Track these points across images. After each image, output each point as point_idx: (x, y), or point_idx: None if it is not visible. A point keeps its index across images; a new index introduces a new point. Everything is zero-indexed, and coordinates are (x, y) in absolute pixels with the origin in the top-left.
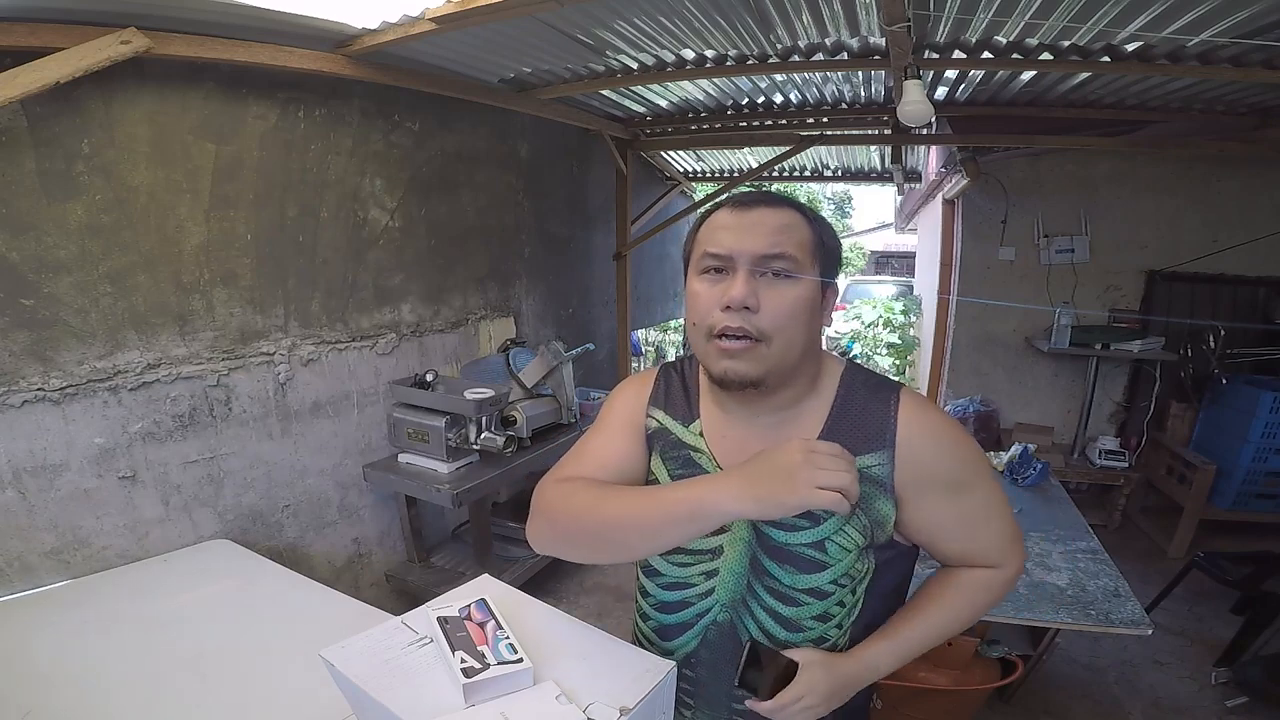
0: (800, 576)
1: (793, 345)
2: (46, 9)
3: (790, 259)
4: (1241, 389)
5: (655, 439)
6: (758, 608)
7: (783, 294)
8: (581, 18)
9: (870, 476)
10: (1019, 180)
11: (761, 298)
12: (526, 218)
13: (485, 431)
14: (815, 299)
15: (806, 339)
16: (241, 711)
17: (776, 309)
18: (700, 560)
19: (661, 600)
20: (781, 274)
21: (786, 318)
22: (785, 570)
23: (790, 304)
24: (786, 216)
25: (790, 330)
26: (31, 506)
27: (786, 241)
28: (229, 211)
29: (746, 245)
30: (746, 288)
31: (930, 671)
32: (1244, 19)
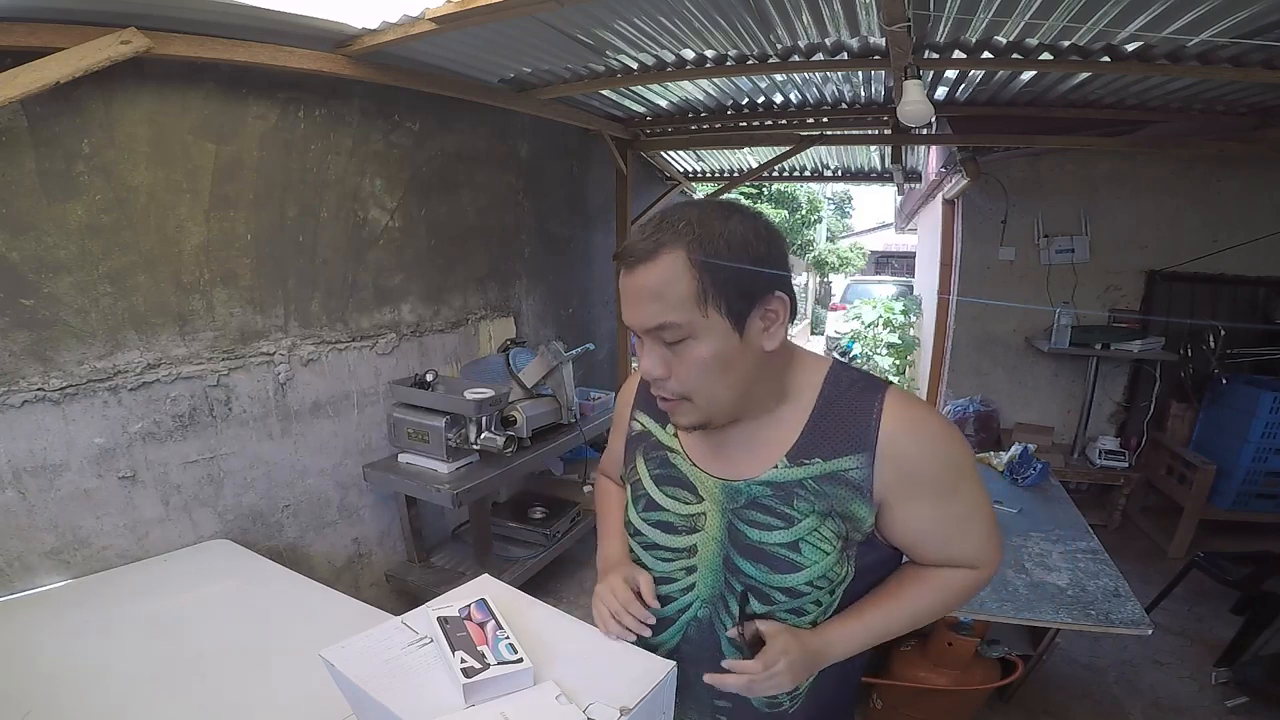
0: (774, 575)
1: (717, 395)
2: (46, 9)
3: (673, 326)
4: (1241, 389)
5: (639, 440)
6: (734, 603)
7: (685, 359)
8: (581, 18)
9: (848, 480)
10: (1019, 180)
11: (670, 363)
12: (526, 218)
13: (485, 431)
14: (726, 347)
15: (731, 384)
16: (241, 711)
17: (684, 375)
18: (679, 557)
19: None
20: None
21: (696, 379)
22: (759, 569)
23: (694, 367)
24: (661, 271)
25: (706, 386)
26: (31, 506)
27: (666, 309)
28: (229, 211)
29: (634, 318)
30: (650, 360)
31: (930, 671)
32: (1244, 19)
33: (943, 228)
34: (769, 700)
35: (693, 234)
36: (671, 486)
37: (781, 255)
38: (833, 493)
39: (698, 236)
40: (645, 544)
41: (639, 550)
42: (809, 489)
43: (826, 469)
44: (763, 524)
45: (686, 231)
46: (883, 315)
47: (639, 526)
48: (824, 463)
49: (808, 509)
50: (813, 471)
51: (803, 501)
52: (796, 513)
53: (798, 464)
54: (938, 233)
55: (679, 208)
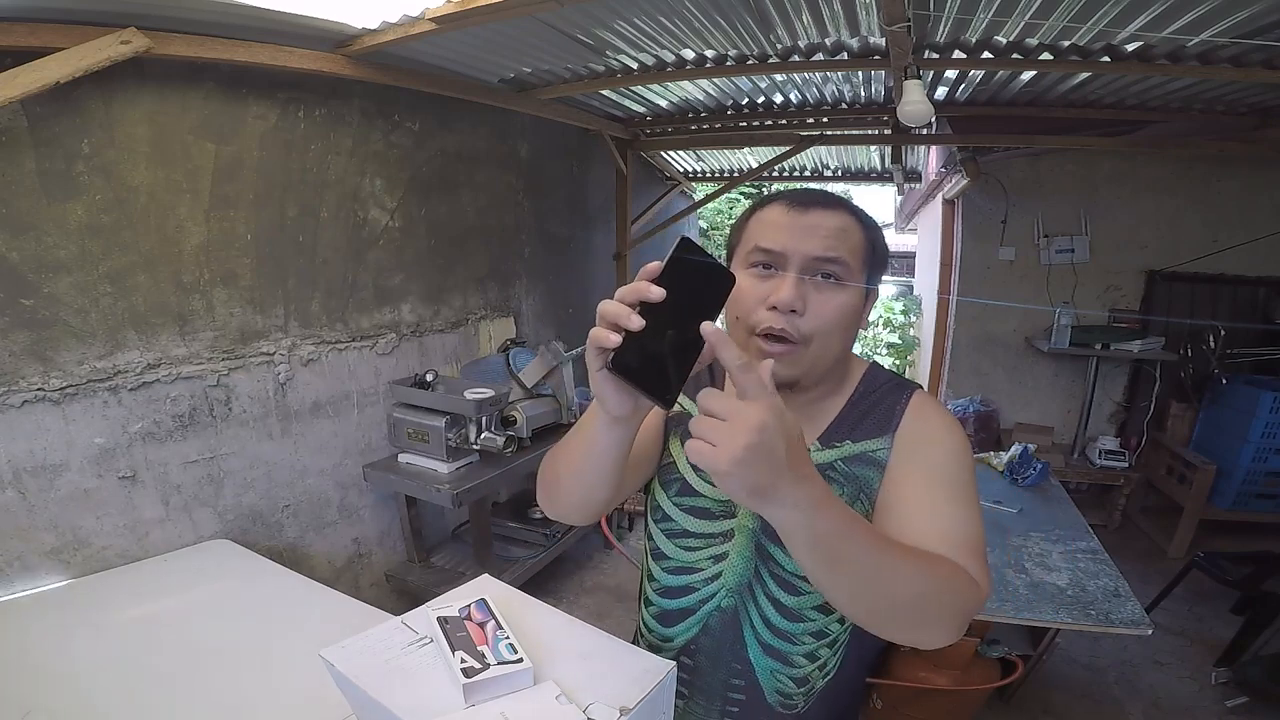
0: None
1: (830, 350)
2: (46, 9)
3: (843, 264)
4: (1241, 389)
5: (676, 422)
6: (761, 594)
7: (829, 299)
8: (581, 18)
9: (874, 459)
10: (1019, 180)
11: (809, 301)
12: (526, 218)
13: (485, 431)
14: (859, 306)
15: (844, 344)
16: (241, 711)
17: (822, 314)
18: (710, 544)
19: (665, 585)
20: (831, 278)
21: (831, 323)
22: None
23: (836, 310)
24: (842, 220)
25: (832, 335)
26: (31, 506)
27: (841, 246)
28: (229, 211)
29: (801, 246)
30: (795, 290)
31: (930, 671)
32: (1244, 19)
33: (943, 228)
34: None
35: (863, 213)
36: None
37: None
38: (861, 474)
39: (867, 217)
40: (672, 531)
41: (663, 540)
42: (839, 471)
43: (855, 450)
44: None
45: (858, 208)
46: (883, 315)
47: (669, 512)
48: (853, 444)
49: (838, 491)
50: (842, 453)
51: (834, 484)
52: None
53: (829, 446)
54: (938, 233)
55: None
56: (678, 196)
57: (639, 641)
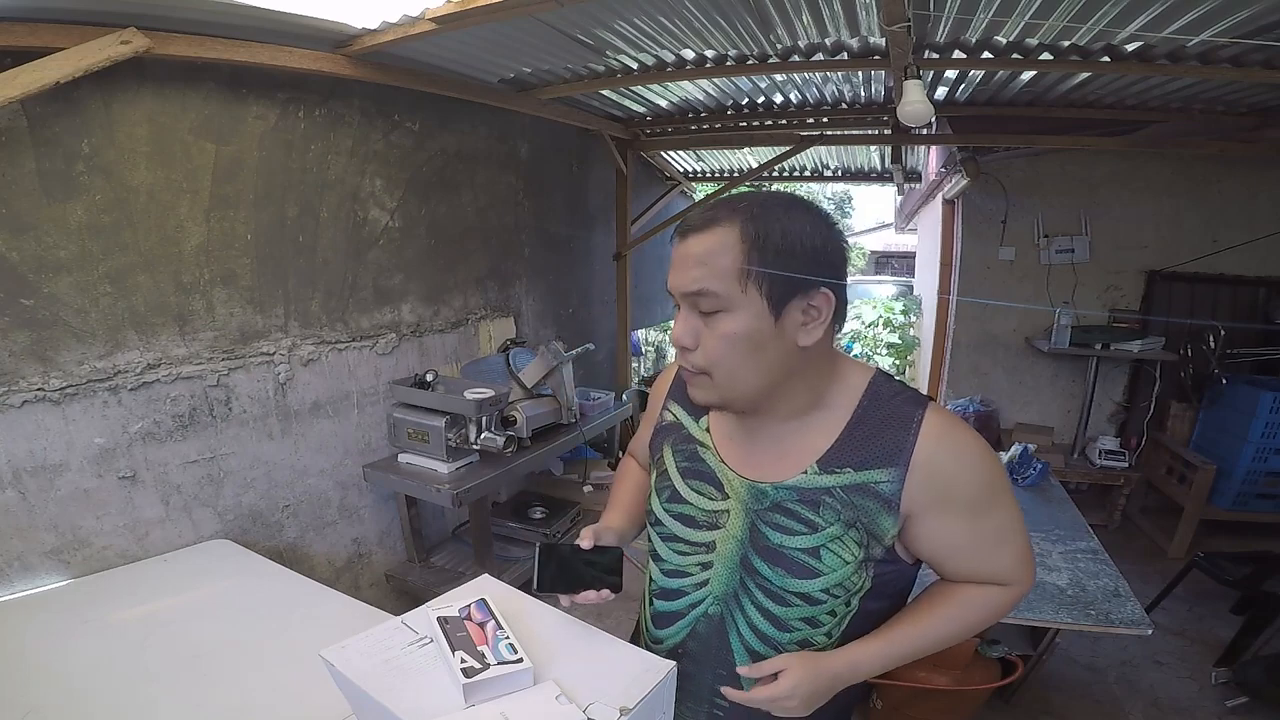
0: (791, 579)
1: (736, 376)
2: (46, 9)
3: (709, 295)
4: (1241, 389)
5: (669, 431)
6: (749, 603)
7: (714, 331)
8: (581, 18)
9: (877, 492)
10: (1019, 180)
11: (699, 335)
12: (526, 218)
13: (485, 431)
14: (760, 329)
15: (758, 367)
16: (241, 711)
17: (709, 348)
18: (696, 551)
19: (661, 587)
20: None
21: (720, 353)
22: (776, 571)
23: (721, 341)
24: (713, 240)
25: (728, 363)
26: (31, 506)
27: (706, 274)
28: (229, 211)
29: (675, 281)
30: (682, 326)
31: (930, 671)
32: (1244, 19)
33: (943, 228)
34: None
35: (750, 213)
36: (697, 480)
37: (838, 256)
38: (860, 504)
39: (754, 216)
40: (665, 535)
41: (658, 541)
42: (836, 497)
43: (857, 479)
44: (786, 528)
45: (745, 210)
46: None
47: (660, 516)
48: (854, 473)
49: (833, 517)
50: (842, 481)
51: (828, 510)
52: (821, 520)
53: (828, 471)
54: (938, 233)
55: (747, 193)
56: (678, 196)
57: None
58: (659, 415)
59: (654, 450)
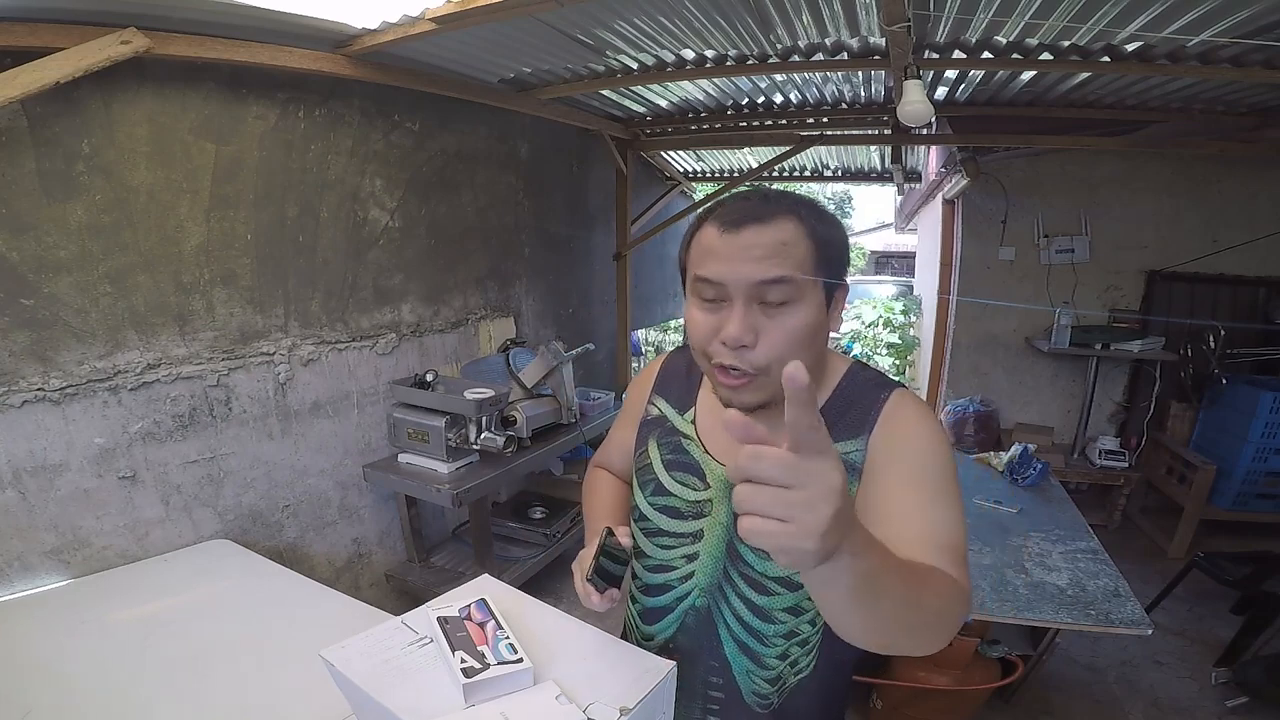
0: (770, 564)
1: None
2: (46, 9)
3: (789, 283)
4: (1241, 389)
5: (654, 425)
6: (733, 594)
7: (782, 324)
8: (581, 18)
9: (847, 462)
10: (1019, 180)
11: (760, 330)
12: (526, 218)
13: (485, 431)
14: (819, 319)
15: (812, 356)
16: (241, 711)
17: (775, 342)
18: (682, 543)
19: (647, 583)
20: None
21: (786, 349)
22: (759, 556)
23: (790, 334)
24: (781, 232)
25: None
26: (31, 506)
27: (783, 263)
28: (229, 211)
29: (740, 273)
30: (743, 324)
31: (930, 671)
32: (1244, 19)
33: (943, 228)
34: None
35: (805, 209)
36: (681, 472)
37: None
38: None
39: (810, 212)
40: (649, 530)
41: (642, 538)
42: None
43: None
44: None
45: (799, 206)
46: (883, 315)
47: (645, 511)
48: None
49: None
50: None
51: None
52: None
53: None
54: (938, 233)
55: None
56: (678, 196)
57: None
58: (644, 411)
59: (639, 445)
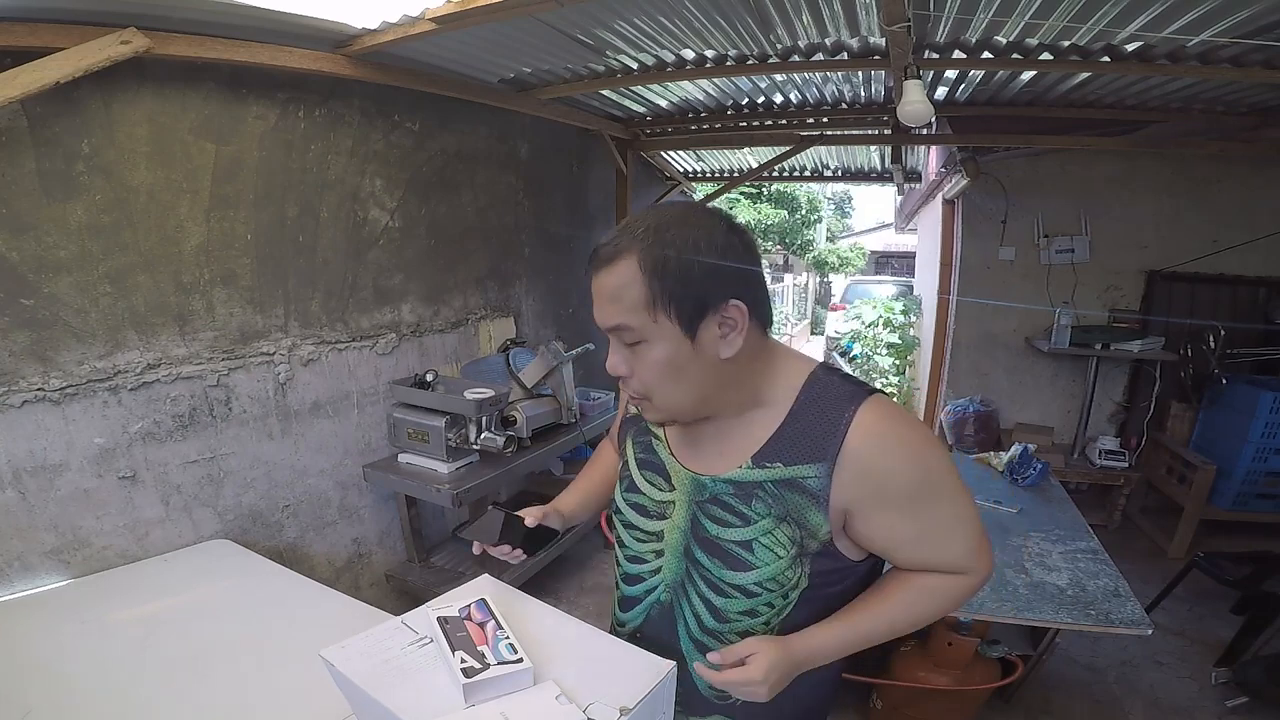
0: (727, 571)
1: (672, 398)
2: (46, 9)
3: (625, 330)
4: (1241, 389)
5: (631, 424)
6: (694, 593)
7: (642, 360)
8: (581, 18)
9: (804, 487)
10: (1019, 180)
11: (631, 364)
12: (526, 218)
13: (485, 431)
14: (679, 352)
15: (689, 386)
16: (241, 711)
17: (641, 375)
18: (650, 540)
19: (625, 572)
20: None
21: (652, 380)
22: (714, 562)
23: (650, 368)
24: (618, 275)
25: (661, 388)
26: (31, 506)
27: (617, 311)
28: (229, 211)
29: (597, 317)
30: (614, 358)
31: (930, 671)
32: (1244, 19)
33: (943, 228)
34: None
35: (646, 241)
36: (650, 472)
37: (745, 263)
38: (789, 498)
39: (651, 243)
40: (625, 523)
41: (620, 528)
42: (768, 492)
43: (785, 474)
44: (721, 520)
45: (642, 238)
46: (883, 315)
47: (620, 505)
48: (784, 468)
49: (765, 511)
50: (772, 475)
51: (760, 503)
52: (754, 513)
53: (760, 466)
54: (938, 233)
55: (645, 213)
56: (678, 196)
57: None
58: (626, 408)
59: (620, 441)
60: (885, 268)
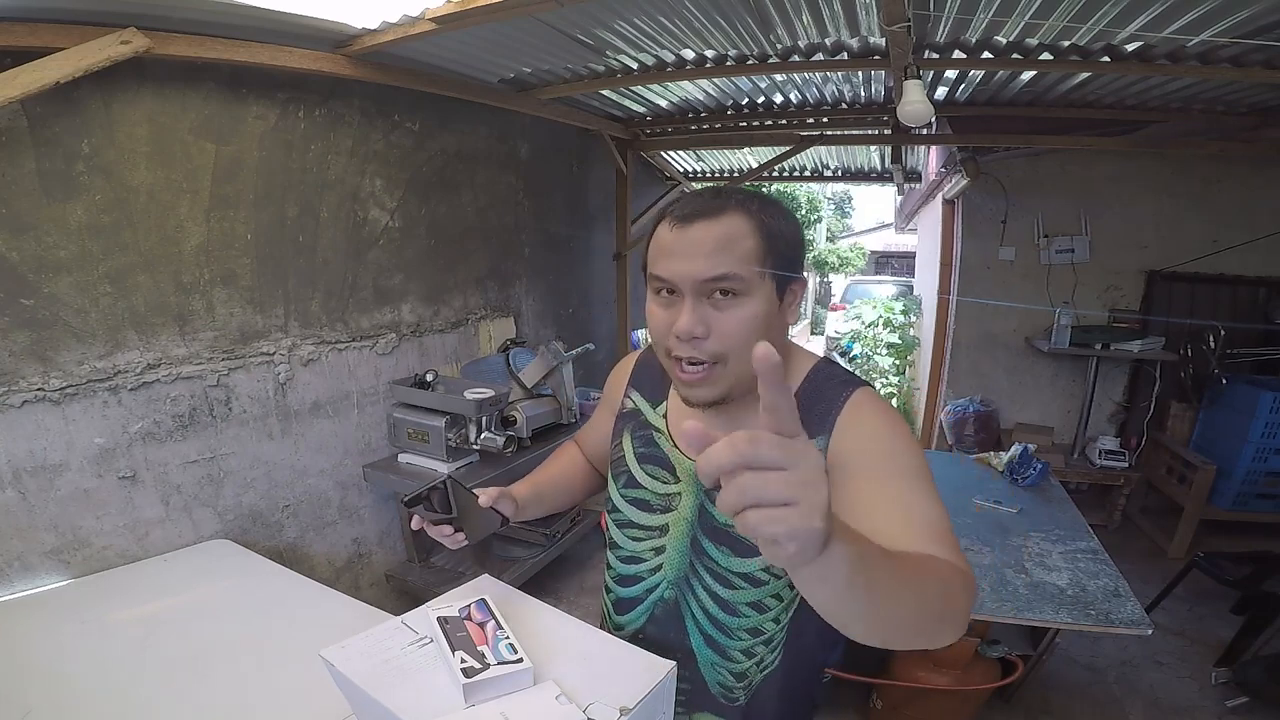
0: (735, 559)
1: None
2: (46, 9)
3: (735, 279)
4: (1241, 389)
5: (629, 418)
6: (699, 587)
7: (732, 315)
8: (581, 18)
9: None
10: (1019, 180)
11: (711, 322)
12: (526, 218)
13: (485, 431)
14: (770, 311)
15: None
16: (241, 711)
17: (727, 332)
18: (650, 536)
19: (620, 574)
20: (729, 294)
21: (739, 339)
22: (722, 551)
23: (740, 325)
24: (729, 226)
25: (745, 348)
26: (31, 506)
27: (728, 259)
28: (229, 211)
29: (689, 269)
30: (693, 316)
31: (930, 671)
32: (1244, 19)
33: (943, 228)
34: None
35: (756, 204)
36: (652, 465)
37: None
38: None
39: (761, 206)
40: (621, 521)
41: (614, 529)
42: None
43: None
44: None
45: (750, 201)
46: (883, 315)
47: (617, 502)
48: None
49: None
50: None
51: None
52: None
53: None
54: (938, 233)
55: (731, 187)
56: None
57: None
58: (620, 403)
59: (615, 437)
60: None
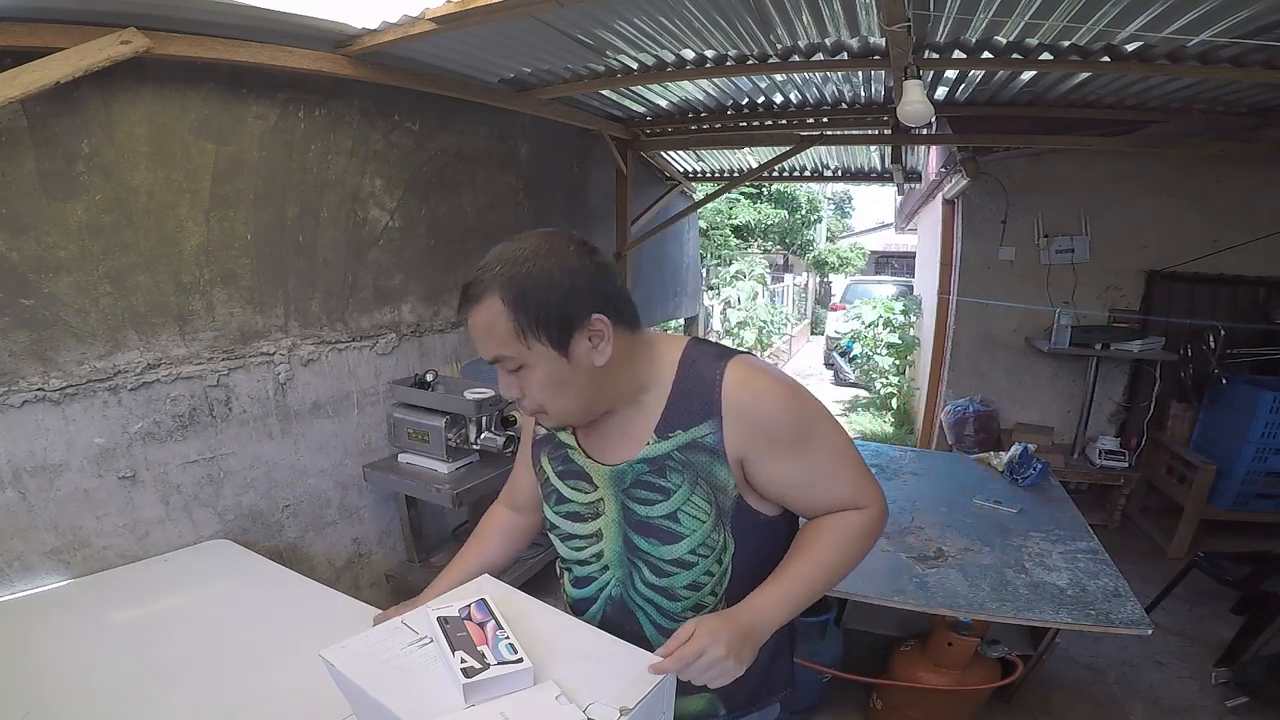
0: (663, 547)
1: (564, 407)
2: (46, 9)
3: (506, 359)
4: (1241, 389)
5: (544, 444)
6: (638, 579)
7: (526, 380)
8: (581, 18)
9: (704, 445)
10: (1019, 180)
11: (520, 385)
12: (526, 218)
13: (485, 431)
14: (558, 369)
15: (575, 394)
16: (241, 711)
17: (530, 393)
18: (589, 543)
19: (575, 576)
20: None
21: (540, 396)
22: (650, 542)
23: (538, 388)
24: (486, 313)
25: (553, 401)
26: (31, 506)
27: (494, 344)
28: (229, 211)
29: (480, 352)
30: (504, 384)
31: (930, 671)
32: (1244, 19)
33: (943, 228)
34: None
35: (504, 277)
36: (572, 479)
37: (598, 281)
38: (695, 460)
39: (508, 279)
40: (561, 535)
41: (558, 543)
42: (676, 460)
43: (687, 438)
44: (646, 499)
45: (499, 274)
46: (883, 315)
47: (553, 520)
48: (684, 433)
49: (679, 480)
50: (677, 443)
51: (674, 473)
52: (670, 484)
53: (664, 438)
54: (938, 233)
55: (501, 248)
56: (678, 196)
57: None
58: (534, 432)
59: (535, 463)
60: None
